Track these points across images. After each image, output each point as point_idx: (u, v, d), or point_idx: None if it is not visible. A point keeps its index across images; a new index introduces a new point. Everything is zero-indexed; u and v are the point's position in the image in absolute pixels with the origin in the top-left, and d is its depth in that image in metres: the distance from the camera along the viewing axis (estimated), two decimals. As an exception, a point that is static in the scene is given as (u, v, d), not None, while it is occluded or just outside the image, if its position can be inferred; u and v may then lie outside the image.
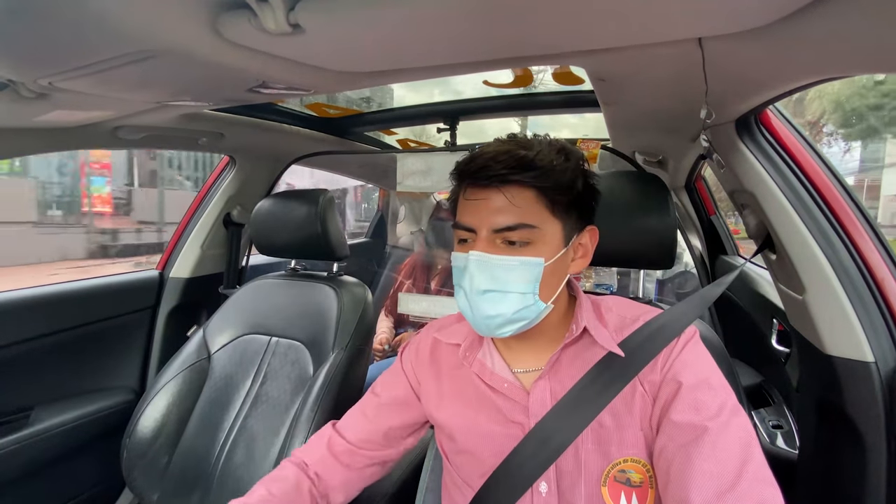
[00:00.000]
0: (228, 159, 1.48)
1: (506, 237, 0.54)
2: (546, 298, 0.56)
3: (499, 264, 0.54)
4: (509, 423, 0.60)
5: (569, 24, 0.49)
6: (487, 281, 0.54)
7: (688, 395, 0.52)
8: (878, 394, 0.67)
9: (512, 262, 0.54)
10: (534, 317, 0.56)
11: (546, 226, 0.54)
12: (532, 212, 0.54)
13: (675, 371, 0.54)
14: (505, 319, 0.55)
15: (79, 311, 1.25)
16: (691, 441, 0.48)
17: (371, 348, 1.11)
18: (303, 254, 1.17)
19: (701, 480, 0.46)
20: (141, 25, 0.47)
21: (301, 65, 0.61)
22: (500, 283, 0.54)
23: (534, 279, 0.54)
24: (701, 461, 0.47)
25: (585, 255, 0.61)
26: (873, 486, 0.67)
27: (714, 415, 0.50)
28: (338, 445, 0.71)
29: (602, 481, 0.54)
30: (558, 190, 0.54)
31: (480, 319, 0.56)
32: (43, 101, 0.71)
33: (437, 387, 0.68)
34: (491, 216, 0.54)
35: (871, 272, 0.71)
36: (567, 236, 0.57)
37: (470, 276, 0.55)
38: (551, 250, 0.55)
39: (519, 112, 1.49)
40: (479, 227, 0.55)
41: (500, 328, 0.56)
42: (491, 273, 0.54)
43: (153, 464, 1.03)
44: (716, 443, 0.48)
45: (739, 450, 0.48)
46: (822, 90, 5.49)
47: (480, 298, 0.55)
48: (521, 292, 0.54)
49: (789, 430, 1.07)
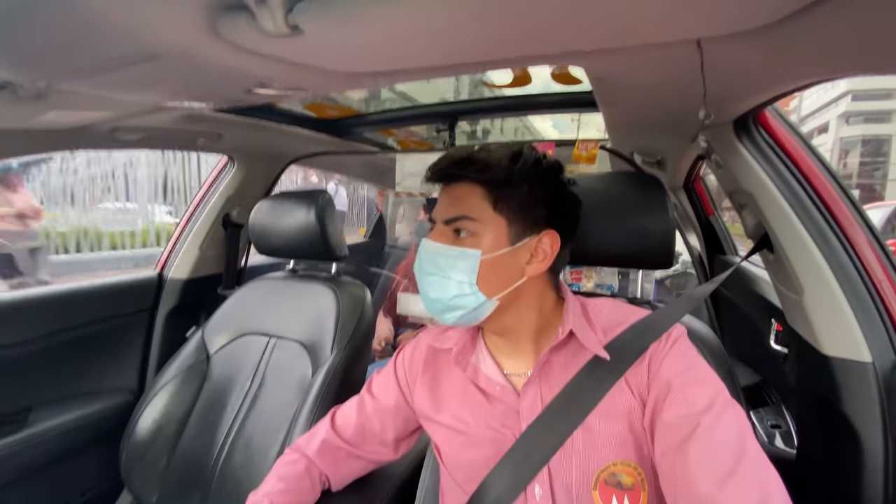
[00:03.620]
0: (227, 160, 1.48)
1: (452, 227, 0.58)
2: (490, 293, 0.57)
3: (440, 251, 0.58)
4: (501, 426, 0.60)
5: (568, 25, 0.49)
6: (430, 265, 0.59)
7: (678, 393, 0.52)
8: (875, 394, 0.67)
9: (452, 251, 0.57)
10: (473, 307, 0.57)
11: (487, 221, 0.57)
12: (475, 206, 0.57)
13: (663, 371, 0.54)
14: (443, 305, 0.59)
15: (77, 312, 1.25)
16: (686, 436, 0.49)
17: (370, 349, 1.11)
18: (301, 254, 1.17)
19: (701, 471, 0.46)
20: (139, 27, 0.47)
21: (300, 66, 0.61)
22: (440, 269, 0.58)
23: (470, 269, 0.57)
24: (698, 453, 0.47)
25: (545, 259, 0.59)
26: (871, 485, 0.67)
27: (706, 408, 0.50)
28: (334, 441, 0.74)
29: (593, 485, 0.54)
30: (501, 187, 0.57)
31: (426, 301, 0.61)
32: (41, 101, 0.71)
33: (430, 392, 0.68)
34: (442, 208, 0.60)
35: (869, 273, 0.71)
36: (515, 235, 0.57)
37: (419, 261, 0.61)
38: (491, 245, 0.57)
39: (518, 112, 1.49)
40: (436, 219, 0.60)
41: (441, 313, 0.60)
42: (434, 259, 0.59)
43: (152, 465, 1.02)
44: (710, 434, 0.48)
45: (735, 436, 0.48)
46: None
47: (425, 281, 0.60)
48: (458, 280, 0.57)
49: (787, 430, 1.08)
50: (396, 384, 0.73)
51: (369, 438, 0.74)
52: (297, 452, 0.75)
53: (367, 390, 0.77)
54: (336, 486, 0.76)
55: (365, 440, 0.74)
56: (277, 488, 0.69)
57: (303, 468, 0.73)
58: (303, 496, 0.71)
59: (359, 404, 0.75)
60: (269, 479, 0.71)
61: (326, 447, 0.74)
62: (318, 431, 0.76)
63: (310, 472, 0.73)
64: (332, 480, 0.75)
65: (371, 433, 0.74)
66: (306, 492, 0.72)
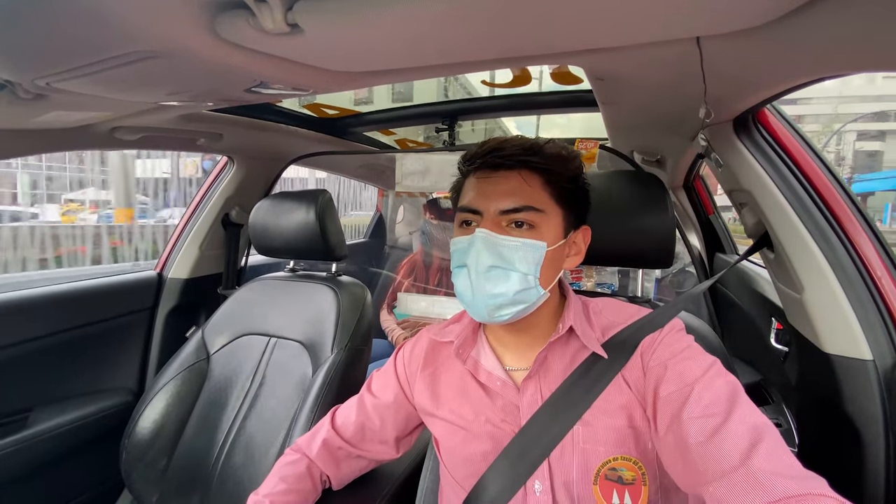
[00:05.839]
0: (227, 160, 1.48)
1: (512, 219, 0.55)
2: (545, 286, 0.57)
3: (504, 243, 0.55)
4: (501, 421, 0.60)
5: (567, 24, 0.49)
6: (493, 258, 0.55)
7: (673, 371, 0.52)
8: (876, 391, 0.67)
9: (516, 242, 0.55)
10: (533, 301, 0.57)
11: (550, 212, 0.56)
12: (539, 196, 0.56)
13: (657, 357, 0.55)
14: (507, 300, 0.55)
15: (77, 311, 1.25)
16: (681, 405, 0.49)
17: (370, 348, 1.11)
18: (301, 254, 1.17)
19: (695, 426, 0.46)
20: (138, 26, 0.47)
21: (299, 65, 0.61)
22: (506, 261, 0.55)
23: (535, 262, 0.55)
24: (690, 411, 0.48)
25: (579, 254, 0.62)
26: (872, 483, 0.67)
27: (698, 377, 0.50)
28: (335, 441, 0.74)
29: (594, 479, 0.54)
30: (564, 179, 0.57)
31: (482, 299, 0.55)
32: (40, 101, 0.71)
33: (430, 388, 0.68)
34: (499, 198, 0.56)
35: (869, 270, 0.71)
36: (566, 228, 0.59)
37: (476, 253, 0.55)
38: (553, 237, 0.57)
39: (517, 112, 1.49)
40: (485, 209, 0.56)
41: (500, 309, 0.56)
42: (497, 252, 0.55)
43: (152, 465, 1.02)
44: (701, 394, 0.48)
45: (727, 392, 0.48)
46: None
47: (484, 276, 0.55)
48: (523, 272, 0.55)
49: (788, 429, 1.08)
50: (396, 380, 0.73)
51: (370, 437, 0.74)
52: (297, 453, 0.75)
53: (367, 389, 0.77)
54: (337, 485, 0.76)
55: (365, 439, 0.74)
56: (279, 489, 0.69)
57: (304, 468, 0.73)
58: (304, 496, 0.71)
59: (359, 403, 0.76)
60: (270, 480, 0.71)
61: (327, 447, 0.74)
62: (318, 431, 0.76)
63: (311, 473, 0.73)
64: (333, 480, 0.75)
65: (371, 432, 0.74)
66: (307, 492, 0.72)
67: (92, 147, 1.12)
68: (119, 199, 4.40)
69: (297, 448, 0.76)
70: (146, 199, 5.00)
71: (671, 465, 0.50)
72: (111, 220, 4.55)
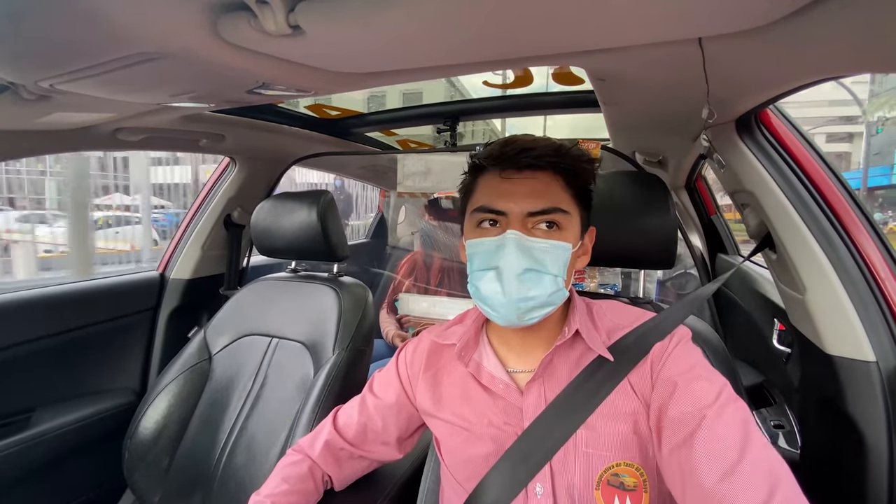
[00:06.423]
0: (229, 160, 1.48)
1: (540, 220, 0.55)
2: (567, 287, 0.58)
3: (536, 245, 0.55)
4: (504, 424, 0.60)
5: (568, 25, 0.49)
6: (528, 260, 0.54)
7: (683, 390, 0.52)
8: (879, 393, 0.67)
9: (546, 244, 0.55)
10: (559, 303, 0.57)
11: (573, 213, 0.57)
12: (563, 198, 0.57)
13: (666, 371, 0.54)
14: (539, 302, 0.55)
15: (80, 312, 1.25)
16: (692, 431, 0.48)
17: (372, 349, 1.11)
18: (303, 255, 1.17)
19: (707, 465, 0.46)
20: (141, 28, 0.48)
21: (301, 66, 0.61)
22: (540, 264, 0.54)
23: (563, 263, 0.56)
24: (702, 446, 0.47)
25: (586, 254, 0.63)
26: (875, 484, 0.67)
27: (710, 403, 0.50)
28: (337, 442, 0.74)
29: (595, 485, 0.54)
30: (583, 181, 0.58)
31: (514, 302, 0.54)
32: (44, 103, 0.71)
33: (432, 389, 0.68)
34: (526, 199, 0.55)
35: (872, 271, 0.71)
36: (581, 229, 0.60)
37: (509, 255, 0.54)
38: (575, 238, 0.57)
39: (519, 112, 1.49)
40: (510, 210, 0.55)
41: (531, 312, 0.55)
42: (531, 254, 0.54)
43: (154, 465, 1.03)
44: (714, 425, 0.48)
45: (739, 428, 0.48)
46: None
47: (518, 279, 0.54)
48: (554, 274, 0.55)
49: (791, 430, 1.07)
50: (398, 381, 0.73)
51: (371, 438, 0.74)
52: (299, 453, 0.75)
53: (369, 389, 0.77)
54: (339, 486, 0.76)
55: (367, 439, 0.74)
56: (280, 489, 0.69)
57: (306, 469, 0.73)
58: (306, 497, 0.71)
59: (360, 404, 0.75)
60: (272, 480, 0.71)
61: (329, 448, 0.74)
62: (320, 432, 0.76)
63: (313, 473, 0.73)
64: (335, 481, 0.75)
65: (373, 432, 0.74)
66: (309, 493, 0.72)
67: (95, 148, 1.13)
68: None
69: (299, 448, 0.76)
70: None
71: (671, 483, 0.50)
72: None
